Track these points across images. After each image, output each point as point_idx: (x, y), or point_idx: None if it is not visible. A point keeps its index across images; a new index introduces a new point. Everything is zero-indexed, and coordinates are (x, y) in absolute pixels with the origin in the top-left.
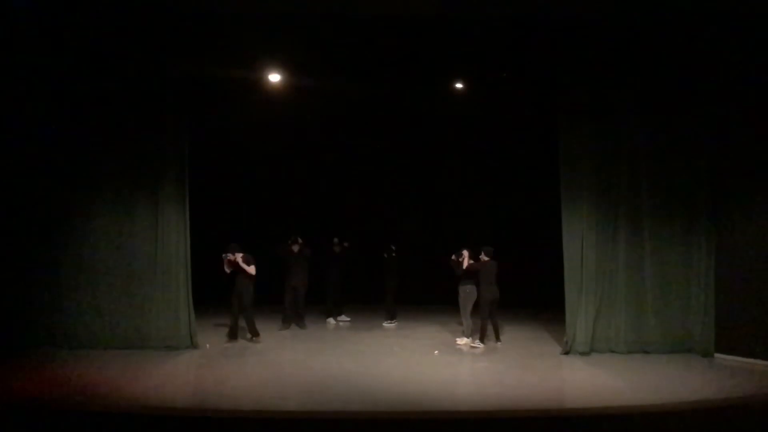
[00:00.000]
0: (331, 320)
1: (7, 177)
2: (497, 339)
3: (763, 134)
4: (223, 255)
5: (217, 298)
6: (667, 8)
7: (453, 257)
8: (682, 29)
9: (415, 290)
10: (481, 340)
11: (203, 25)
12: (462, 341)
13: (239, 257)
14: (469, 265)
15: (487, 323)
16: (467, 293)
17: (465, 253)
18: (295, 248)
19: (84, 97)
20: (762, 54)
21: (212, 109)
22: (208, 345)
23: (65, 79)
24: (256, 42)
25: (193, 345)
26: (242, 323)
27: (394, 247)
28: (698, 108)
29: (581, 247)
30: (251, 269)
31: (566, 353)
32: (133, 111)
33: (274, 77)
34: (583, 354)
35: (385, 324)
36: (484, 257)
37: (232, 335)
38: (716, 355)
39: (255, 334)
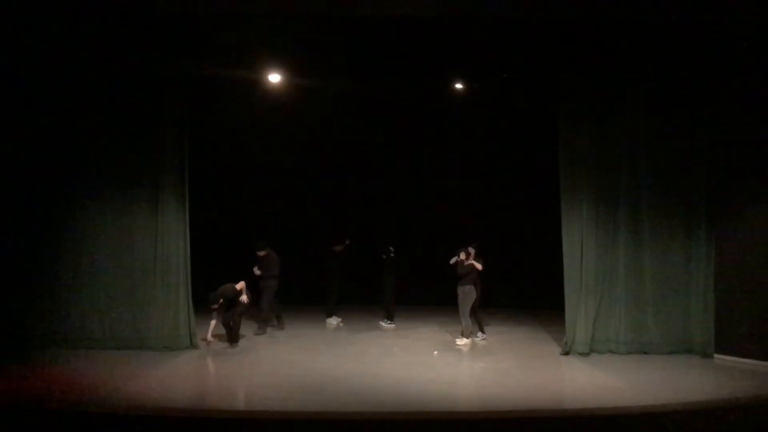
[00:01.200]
0: (332, 321)
1: (7, 177)
2: (474, 335)
3: (763, 134)
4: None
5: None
6: (667, 8)
7: (458, 257)
8: (682, 29)
9: (413, 290)
10: (482, 331)
11: (203, 25)
12: (461, 341)
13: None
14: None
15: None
16: (466, 293)
17: (466, 252)
18: (261, 253)
19: (83, 96)
20: (762, 53)
21: (212, 110)
22: (208, 342)
23: (64, 79)
24: (256, 42)
25: (193, 345)
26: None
27: (392, 248)
28: (698, 108)
29: (581, 247)
30: (244, 292)
31: (566, 354)
32: (132, 111)
33: (274, 77)
34: (582, 354)
35: (384, 325)
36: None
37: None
38: (716, 355)
39: (234, 340)
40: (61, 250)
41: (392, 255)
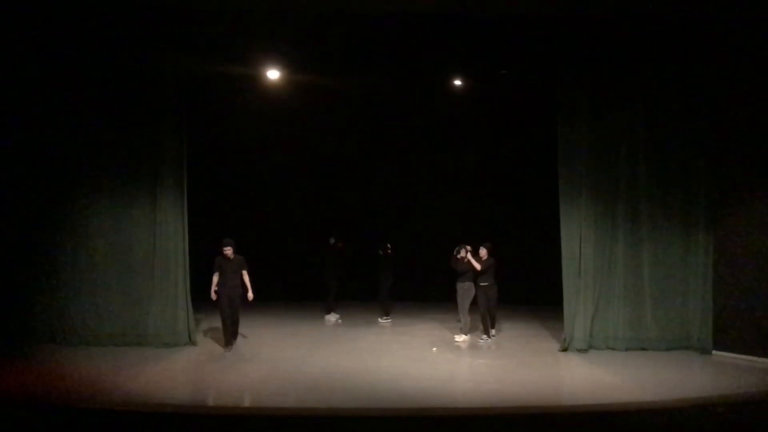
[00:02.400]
0: (330, 317)
1: (6, 175)
2: (466, 333)
3: (763, 132)
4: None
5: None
6: (666, 4)
7: (459, 255)
8: (681, 26)
9: (412, 287)
10: (487, 334)
11: (202, 22)
12: (460, 338)
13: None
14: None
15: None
16: (465, 290)
17: (465, 249)
18: (228, 252)
19: (83, 94)
20: (761, 50)
21: (211, 106)
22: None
23: (64, 77)
24: (255, 38)
25: (192, 342)
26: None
27: (389, 245)
28: (697, 106)
29: (579, 244)
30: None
31: (564, 350)
32: (131, 108)
33: (273, 74)
34: (581, 351)
35: (381, 321)
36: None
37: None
38: (714, 352)
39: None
40: (59, 247)
41: (389, 251)
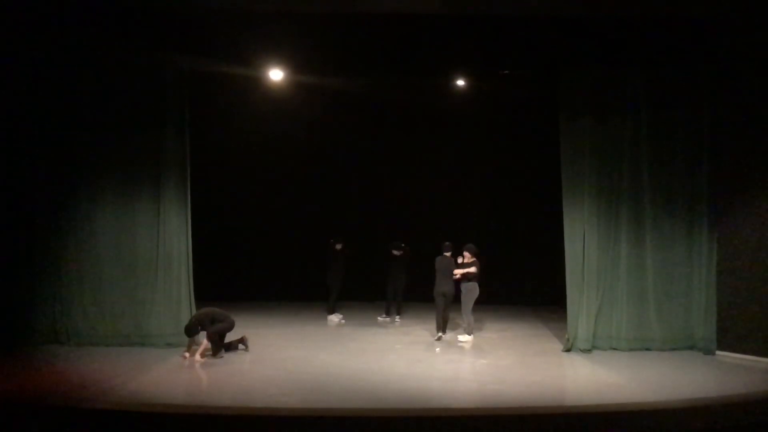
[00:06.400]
0: (333, 318)
1: (10, 175)
2: (444, 332)
3: (764, 132)
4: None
5: (218, 297)
6: (667, 5)
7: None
8: (682, 26)
9: (414, 287)
10: (438, 330)
11: (205, 22)
12: (463, 338)
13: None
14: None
15: (440, 316)
16: (468, 290)
17: (467, 252)
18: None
19: (84, 94)
20: (761, 50)
21: (214, 106)
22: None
23: (64, 77)
24: (258, 39)
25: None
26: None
27: (403, 245)
28: (700, 104)
29: (583, 244)
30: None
31: (568, 350)
32: (134, 108)
33: (276, 74)
34: (584, 351)
35: (397, 320)
36: (444, 254)
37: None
38: (718, 352)
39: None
40: (62, 247)
41: (403, 251)
